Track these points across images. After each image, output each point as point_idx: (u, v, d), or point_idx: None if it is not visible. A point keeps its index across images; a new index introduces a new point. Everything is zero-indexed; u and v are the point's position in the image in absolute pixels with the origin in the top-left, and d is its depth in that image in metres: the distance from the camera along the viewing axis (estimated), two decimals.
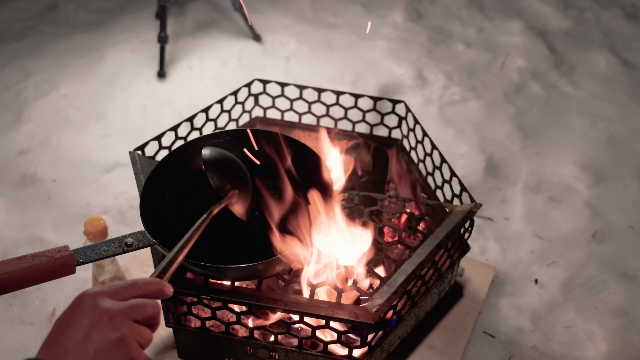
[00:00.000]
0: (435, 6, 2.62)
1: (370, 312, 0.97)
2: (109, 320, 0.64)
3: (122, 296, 0.68)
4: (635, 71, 2.28)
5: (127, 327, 0.65)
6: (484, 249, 1.58)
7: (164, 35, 2.13)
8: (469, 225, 1.21)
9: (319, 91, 1.42)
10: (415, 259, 1.07)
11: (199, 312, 1.16)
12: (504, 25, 2.50)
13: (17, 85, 2.07)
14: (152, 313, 0.69)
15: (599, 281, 1.51)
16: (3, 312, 1.38)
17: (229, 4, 2.49)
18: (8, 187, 1.70)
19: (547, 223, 1.67)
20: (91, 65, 2.18)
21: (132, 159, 1.20)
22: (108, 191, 1.71)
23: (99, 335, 0.63)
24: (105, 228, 1.16)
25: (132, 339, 0.65)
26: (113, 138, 1.89)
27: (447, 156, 1.59)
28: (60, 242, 1.54)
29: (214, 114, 1.39)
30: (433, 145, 1.31)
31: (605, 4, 2.65)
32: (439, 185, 1.33)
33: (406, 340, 1.26)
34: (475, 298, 1.38)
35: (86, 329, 0.63)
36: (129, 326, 0.65)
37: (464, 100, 2.11)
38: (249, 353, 1.13)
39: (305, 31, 2.42)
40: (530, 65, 2.29)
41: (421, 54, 2.32)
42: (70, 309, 0.65)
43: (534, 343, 1.36)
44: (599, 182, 1.80)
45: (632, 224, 1.67)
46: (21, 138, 1.86)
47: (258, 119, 1.49)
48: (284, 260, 0.98)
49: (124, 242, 0.93)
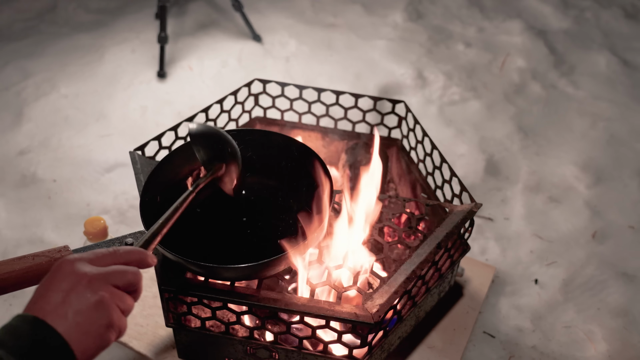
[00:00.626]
0: (435, 6, 2.62)
1: (370, 312, 0.97)
2: (88, 284, 0.64)
3: (103, 262, 0.68)
4: (635, 71, 2.28)
5: (106, 291, 0.65)
6: (484, 249, 1.58)
7: (164, 36, 2.13)
8: (469, 225, 1.21)
9: (319, 91, 1.42)
10: (415, 259, 1.07)
11: (199, 312, 1.16)
12: (504, 25, 2.50)
13: (17, 85, 2.07)
14: (133, 279, 0.68)
15: (599, 281, 1.51)
16: (3, 312, 1.38)
17: (229, 4, 2.49)
18: (8, 187, 1.70)
19: (547, 223, 1.67)
20: (91, 65, 2.19)
21: (132, 159, 1.20)
22: (108, 191, 1.71)
23: (77, 298, 0.63)
24: (105, 228, 1.16)
25: (112, 303, 0.65)
26: (113, 138, 1.89)
27: (447, 156, 1.59)
28: (60, 242, 1.54)
29: (213, 114, 1.39)
30: (433, 145, 1.31)
31: (605, 4, 2.65)
32: (439, 185, 1.33)
33: (406, 340, 1.26)
34: (475, 298, 1.38)
35: (65, 292, 0.63)
36: (109, 290, 0.65)
37: (464, 100, 2.11)
38: (249, 353, 1.13)
39: (305, 31, 2.42)
40: (530, 65, 2.29)
41: (421, 54, 2.32)
42: (51, 274, 0.65)
43: (534, 343, 1.36)
44: (599, 182, 1.80)
45: (632, 224, 1.67)
46: (21, 138, 1.86)
47: (258, 119, 1.49)
48: (284, 260, 0.98)
49: (124, 242, 0.93)
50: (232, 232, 1.12)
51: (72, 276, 0.64)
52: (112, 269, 0.67)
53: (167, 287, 1.02)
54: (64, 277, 0.64)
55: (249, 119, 1.48)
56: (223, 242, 1.11)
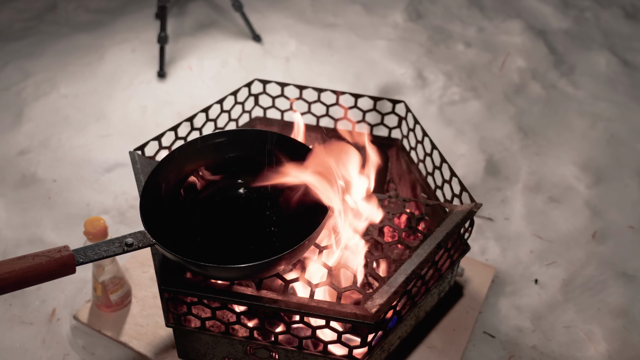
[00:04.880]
0: (435, 6, 2.62)
1: (370, 312, 0.97)
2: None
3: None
4: (635, 71, 2.28)
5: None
6: (484, 249, 1.58)
7: (163, 36, 2.13)
8: (469, 225, 1.21)
9: (319, 91, 1.42)
10: (415, 259, 1.07)
11: (199, 312, 1.16)
12: (504, 25, 2.50)
13: (17, 85, 2.07)
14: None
15: (599, 281, 1.51)
16: (3, 312, 1.38)
17: (228, 4, 2.49)
18: (8, 187, 1.70)
19: (547, 223, 1.67)
20: (91, 65, 2.19)
21: (132, 159, 1.20)
22: (108, 191, 1.71)
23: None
24: (105, 228, 1.16)
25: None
26: (113, 138, 1.89)
27: (447, 156, 1.59)
28: (60, 242, 1.55)
29: (213, 114, 1.39)
30: (433, 145, 1.31)
31: (605, 4, 2.65)
32: (439, 185, 1.33)
33: (406, 340, 1.26)
34: (475, 298, 1.38)
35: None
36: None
37: (464, 100, 2.11)
38: (249, 353, 1.13)
39: (305, 31, 2.42)
40: (530, 65, 2.29)
41: (421, 54, 2.32)
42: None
43: (534, 343, 1.36)
44: (599, 182, 1.80)
45: (632, 224, 1.67)
46: (21, 138, 1.86)
47: (258, 119, 1.49)
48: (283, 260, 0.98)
49: (124, 242, 0.93)
50: (232, 232, 1.12)
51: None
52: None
53: (167, 287, 1.02)
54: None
55: (249, 119, 1.48)
56: (223, 242, 1.11)
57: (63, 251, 0.85)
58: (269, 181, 1.12)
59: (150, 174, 1.09)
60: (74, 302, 1.39)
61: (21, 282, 0.81)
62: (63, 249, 0.86)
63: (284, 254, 0.96)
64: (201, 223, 1.14)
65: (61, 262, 0.84)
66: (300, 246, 0.97)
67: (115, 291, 1.28)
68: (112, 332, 1.28)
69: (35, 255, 0.83)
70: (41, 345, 1.32)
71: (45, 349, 1.31)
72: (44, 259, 0.83)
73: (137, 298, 1.35)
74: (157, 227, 1.00)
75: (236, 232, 1.12)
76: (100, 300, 1.29)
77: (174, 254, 0.95)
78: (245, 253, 1.09)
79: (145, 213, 1.01)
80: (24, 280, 0.81)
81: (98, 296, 1.28)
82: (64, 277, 0.86)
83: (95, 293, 1.29)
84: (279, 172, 1.09)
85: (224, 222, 1.14)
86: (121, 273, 1.29)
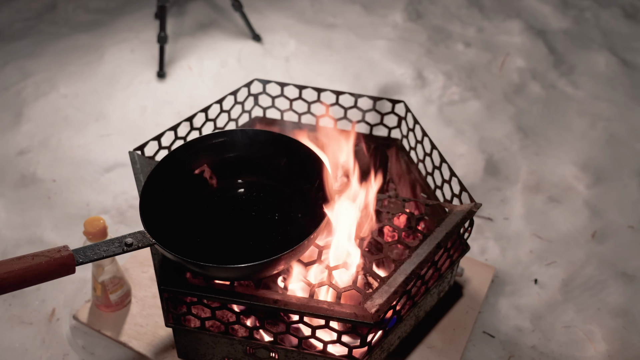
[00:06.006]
0: (435, 6, 2.62)
1: (370, 312, 0.97)
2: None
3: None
4: (635, 71, 2.28)
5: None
6: (484, 249, 1.58)
7: (163, 36, 2.13)
8: (469, 225, 1.21)
9: (319, 91, 1.42)
10: (415, 258, 1.07)
11: (199, 312, 1.16)
12: (504, 25, 2.50)
13: (17, 85, 2.07)
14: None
15: (599, 281, 1.51)
16: (3, 312, 1.38)
17: (228, 4, 2.49)
18: (8, 187, 1.70)
19: (547, 223, 1.67)
20: (91, 65, 2.19)
21: (132, 159, 1.20)
22: (108, 191, 1.71)
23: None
24: (104, 228, 1.16)
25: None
26: (113, 138, 1.89)
27: (446, 156, 1.59)
28: (60, 242, 1.54)
29: (213, 113, 1.39)
30: (433, 145, 1.31)
31: (604, 3, 2.65)
32: (438, 185, 1.33)
33: (406, 340, 1.27)
34: (475, 298, 1.38)
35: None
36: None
37: (463, 100, 2.11)
38: (249, 353, 1.13)
39: (305, 31, 2.42)
40: (530, 65, 2.29)
41: (421, 54, 2.32)
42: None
43: (533, 343, 1.36)
44: (599, 182, 1.80)
45: (631, 224, 1.67)
46: (21, 138, 1.86)
47: (257, 119, 1.49)
48: (283, 260, 0.98)
49: (123, 242, 0.93)
50: (232, 232, 1.12)
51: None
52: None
53: (167, 287, 1.02)
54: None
55: (249, 119, 1.48)
56: (223, 242, 1.11)
57: (63, 251, 0.85)
58: (269, 181, 1.12)
59: (150, 174, 1.09)
60: (73, 302, 1.39)
61: (21, 282, 0.81)
62: (63, 249, 0.86)
63: (284, 254, 0.96)
64: (201, 223, 1.14)
65: (61, 262, 0.84)
66: (300, 246, 0.97)
67: (115, 291, 1.28)
68: (112, 332, 1.28)
69: (35, 255, 0.83)
70: (41, 345, 1.32)
71: (45, 349, 1.31)
72: (43, 259, 0.83)
73: (136, 298, 1.35)
74: (156, 227, 1.00)
75: (236, 232, 1.12)
76: (99, 300, 1.29)
77: (174, 254, 0.95)
78: (245, 253, 1.09)
79: (145, 213, 1.01)
80: (24, 280, 0.81)
81: (98, 296, 1.28)
82: (64, 277, 0.86)
83: (94, 293, 1.29)
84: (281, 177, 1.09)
85: (224, 222, 1.14)
86: (121, 273, 1.29)
